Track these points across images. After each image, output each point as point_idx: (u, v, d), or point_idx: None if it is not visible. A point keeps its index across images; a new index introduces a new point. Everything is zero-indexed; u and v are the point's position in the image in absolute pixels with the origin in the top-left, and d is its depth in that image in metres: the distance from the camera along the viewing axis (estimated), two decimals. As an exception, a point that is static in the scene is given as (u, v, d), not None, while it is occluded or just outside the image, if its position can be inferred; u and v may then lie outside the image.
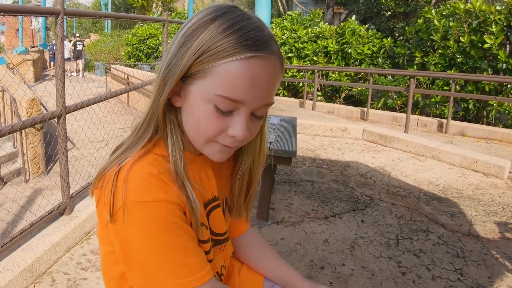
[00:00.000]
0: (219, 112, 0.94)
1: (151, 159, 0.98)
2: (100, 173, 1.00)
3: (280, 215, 4.24)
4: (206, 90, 0.94)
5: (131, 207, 0.90)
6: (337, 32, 12.38)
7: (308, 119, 8.44)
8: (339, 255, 3.55)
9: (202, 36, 0.92)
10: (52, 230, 3.43)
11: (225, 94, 0.92)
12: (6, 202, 4.69)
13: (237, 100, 0.93)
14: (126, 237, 0.93)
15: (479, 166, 5.97)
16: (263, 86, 0.94)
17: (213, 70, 0.92)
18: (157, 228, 0.91)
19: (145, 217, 0.91)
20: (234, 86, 0.91)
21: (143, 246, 0.92)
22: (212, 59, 0.91)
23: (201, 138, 0.99)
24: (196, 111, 0.97)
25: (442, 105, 9.88)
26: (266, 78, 0.94)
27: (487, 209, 4.64)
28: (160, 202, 0.92)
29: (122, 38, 25.28)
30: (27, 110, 6.31)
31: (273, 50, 0.95)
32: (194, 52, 0.93)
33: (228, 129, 0.97)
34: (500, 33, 8.88)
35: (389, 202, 4.70)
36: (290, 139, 4.02)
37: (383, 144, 7.37)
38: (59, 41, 3.45)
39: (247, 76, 0.91)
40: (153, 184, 0.93)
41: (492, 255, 3.64)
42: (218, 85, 0.92)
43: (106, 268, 1.10)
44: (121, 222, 0.92)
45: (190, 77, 0.95)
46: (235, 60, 0.90)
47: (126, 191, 0.91)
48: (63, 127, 3.58)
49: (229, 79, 0.91)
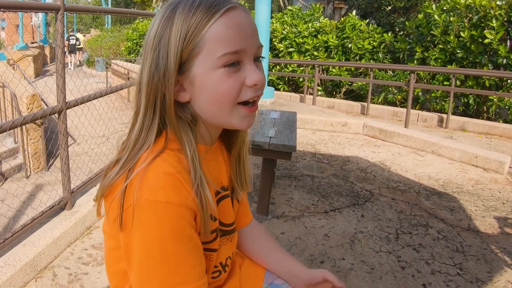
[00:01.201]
0: (231, 70, 0.99)
1: (166, 156, 0.98)
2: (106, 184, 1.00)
3: (280, 209, 4.25)
4: (208, 60, 0.98)
5: (144, 205, 0.91)
6: (337, 27, 12.37)
7: (309, 114, 8.44)
8: (339, 249, 3.56)
9: (175, 24, 0.97)
10: (53, 225, 3.45)
11: (226, 50, 0.97)
12: (7, 198, 4.71)
13: (239, 49, 0.99)
14: (132, 236, 0.94)
15: (479, 161, 5.97)
16: (249, 29, 1.02)
17: (203, 40, 0.97)
18: (162, 231, 0.92)
19: (154, 217, 0.92)
20: (229, 39, 0.98)
21: (146, 247, 0.93)
22: (197, 32, 0.97)
23: (226, 106, 1.01)
24: (210, 85, 1.00)
25: (442, 100, 9.88)
26: (247, 22, 1.02)
27: (486, 204, 4.65)
28: (172, 205, 0.93)
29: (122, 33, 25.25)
30: (28, 106, 6.33)
31: (235, 1, 1.02)
32: (177, 39, 0.97)
33: (245, 81, 1.01)
34: (500, 28, 8.87)
35: (389, 196, 4.71)
36: (290, 134, 4.02)
37: (383, 139, 7.37)
38: (60, 37, 3.45)
39: (234, 26, 0.99)
40: (169, 184, 0.94)
41: (491, 250, 3.66)
42: (216, 48, 0.97)
43: (110, 263, 1.11)
44: (131, 220, 0.93)
45: (186, 63, 0.99)
46: (216, 20, 0.97)
47: (141, 190, 0.92)
48: (64, 122, 3.59)
49: (221, 37, 0.97)
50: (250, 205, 4.24)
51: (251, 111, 1.06)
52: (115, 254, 1.06)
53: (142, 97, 1.02)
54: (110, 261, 1.11)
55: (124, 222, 0.94)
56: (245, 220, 1.45)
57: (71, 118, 4.69)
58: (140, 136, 1.02)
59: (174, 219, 0.93)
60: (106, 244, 1.11)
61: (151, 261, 0.94)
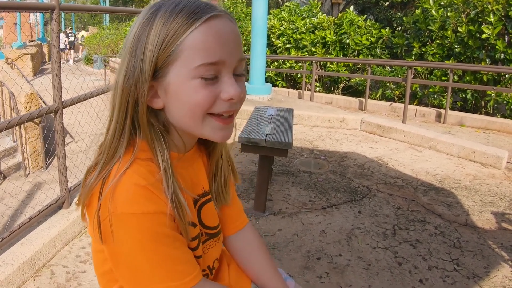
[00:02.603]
0: (207, 81, 0.95)
1: (136, 167, 0.97)
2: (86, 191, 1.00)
3: (277, 206, 4.26)
4: (184, 68, 0.95)
5: (121, 218, 0.91)
6: (335, 23, 12.36)
7: (306, 110, 8.44)
8: (336, 245, 3.57)
9: (154, 28, 0.94)
10: (51, 224, 3.45)
11: (204, 61, 0.94)
12: (5, 197, 4.71)
13: (217, 61, 0.95)
14: (115, 245, 0.94)
15: (476, 156, 5.98)
16: (231, 40, 0.97)
17: (181, 47, 0.94)
18: (146, 239, 0.93)
19: (135, 228, 0.92)
20: (207, 50, 0.94)
21: (133, 254, 0.94)
22: (175, 38, 0.93)
23: (197, 116, 0.99)
24: (183, 94, 0.97)
25: (440, 95, 9.88)
26: (229, 32, 0.97)
27: (484, 199, 4.66)
28: (149, 214, 0.92)
29: (120, 31, 25.21)
30: (26, 105, 6.33)
31: (220, 9, 0.99)
32: (155, 44, 0.94)
33: (220, 95, 0.98)
34: (498, 23, 8.87)
35: (386, 192, 4.72)
36: (287, 131, 4.03)
37: (381, 134, 7.38)
38: (55, 36, 3.45)
39: (214, 36, 0.94)
40: (141, 195, 0.93)
41: (488, 245, 3.66)
42: (193, 57, 0.94)
43: (98, 265, 1.12)
44: (110, 233, 0.93)
45: (161, 69, 0.96)
46: (196, 28, 0.93)
47: (114, 203, 0.91)
48: (60, 121, 3.59)
49: (200, 46, 0.94)
50: (247, 201, 4.27)
51: (225, 123, 1.02)
52: (102, 256, 1.06)
53: (116, 99, 1.00)
54: (98, 262, 1.11)
55: (104, 235, 0.94)
56: (236, 223, 1.41)
57: (68, 116, 4.69)
58: (113, 140, 1.00)
59: (155, 227, 0.94)
60: (92, 246, 1.12)
61: (142, 266, 0.94)
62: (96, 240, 1.00)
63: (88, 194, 0.98)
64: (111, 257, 0.98)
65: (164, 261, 0.95)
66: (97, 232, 0.95)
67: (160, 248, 0.95)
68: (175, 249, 0.98)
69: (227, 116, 1.02)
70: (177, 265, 0.98)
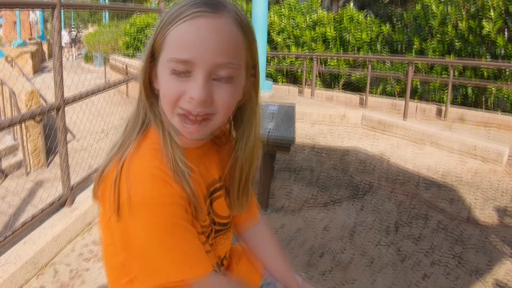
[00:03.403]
0: (176, 76, 0.96)
1: (149, 151, 0.99)
2: (101, 173, 1.02)
3: (279, 203, 4.26)
4: (163, 59, 0.98)
5: (136, 207, 0.92)
6: (335, 19, 12.33)
7: (307, 106, 8.44)
8: (339, 242, 3.57)
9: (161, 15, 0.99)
10: (53, 222, 3.45)
11: (174, 55, 0.95)
12: (7, 195, 4.70)
13: (186, 59, 0.94)
14: (130, 233, 0.95)
15: (478, 152, 5.98)
16: (211, 44, 0.94)
17: (167, 38, 0.97)
18: (160, 229, 0.94)
19: (149, 218, 0.93)
20: (181, 46, 0.95)
21: (147, 243, 0.95)
22: (167, 29, 0.97)
23: (168, 107, 1.00)
24: (162, 83, 1.00)
25: (440, 91, 9.86)
26: (214, 36, 0.94)
27: (486, 194, 4.66)
28: (164, 205, 0.94)
29: (120, 29, 25.16)
30: (26, 103, 6.32)
31: (226, 10, 0.97)
32: (156, 29, 0.99)
33: (185, 92, 0.97)
34: (498, 19, 8.85)
35: (388, 188, 4.72)
36: (289, 127, 4.03)
37: (382, 130, 7.37)
38: (56, 34, 3.44)
39: (192, 35, 0.94)
40: (156, 186, 0.94)
41: (490, 240, 3.67)
42: (170, 49, 0.97)
43: (108, 258, 1.12)
44: (126, 219, 0.94)
45: (155, 54, 1.01)
46: (182, 23, 0.95)
47: (130, 191, 0.93)
48: (62, 119, 3.59)
49: (177, 41, 0.96)
50: (249, 199, 4.27)
51: (191, 122, 0.99)
52: (112, 250, 1.07)
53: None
54: (108, 256, 1.12)
55: (120, 223, 0.95)
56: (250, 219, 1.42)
57: (70, 114, 4.69)
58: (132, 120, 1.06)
59: (169, 217, 0.95)
60: (103, 240, 1.11)
61: (155, 256, 0.96)
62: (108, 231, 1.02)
63: (106, 169, 1.01)
64: (124, 249, 0.99)
65: (175, 252, 0.97)
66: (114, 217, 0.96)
67: (172, 239, 0.96)
68: (187, 241, 0.99)
69: (194, 117, 0.99)
70: (188, 257, 0.99)
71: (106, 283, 2.90)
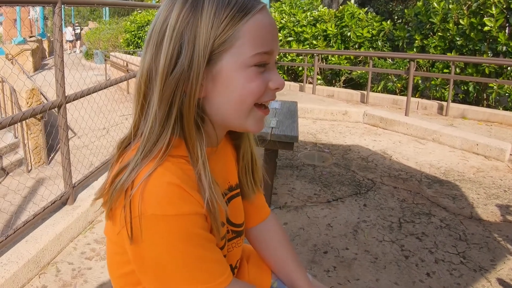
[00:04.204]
0: (260, 70, 0.95)
1: (168, 165, 0.91)
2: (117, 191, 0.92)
3: (282, 199, 4.25)
4: (239, 56, 0.93)
5: (152, 220, 0.86)
6: (336, 16, 12.30)
7: (309, 103, 8.43)
8: (342, 239, 3.56)
9: (206, 12, 0.90)
10: (55, 220, 3.44)
11: (260, 50, 0.93)
12: (8, 193, 4.70)
13: (270, 51, 0.96)
14: (144, 247, 0.89)
15: (480, 149, 5.97)
16: (276, 32, 0.99)
17: (237, 34, 0.92)
18: (178, 241, 0.88)
19: (167, 231, 0.87)
20: (262, 39, 0.94)
21: (163, 256, 0.89)
22: (232, 25, 0.91)
23: (246, 106, 0.97)
24: (236, 82, 0.94)
25: (442, 87, 9.83)
26: (274, 24, 0.99)
27: (488, 192, 4.64)
28: (183, 216, 0.88)
29: (120, 26, 25.15)
30: (27, 101, 6.31)
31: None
32: (210, 29, 0.90)
33: (269, 83, 0.98)
34: (500, 15, 8.82)
35: (391, 185, 4.71)
36: (292, 124, 4.01)
37: (384, 127, 7.36)
38: (57, 30, 3.43)
39: (267, 27, 0.95)
40: (175, 195, 0.88)
41: (494, 238, 3.65)
42: (249, 45, 0.93)
43: (114, 268, 1.07)
44: (139, 234, 0.88)
45: (213, 56, 0.93)
46: (253, 15, 0.93)
47: (144, 204, 0.86)
48: (64, 116, 3.58)
49: (256, 35, 0.93)
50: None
51: (266, 113, 1.02)
52: (119, 259, 1.02)
53: (155, 90, 0.93)
54: (114, 266, 1.07)
55: (134, 236, 0.89)
56: (260, 214, 1.39)
57: (71, 111, 4.68)
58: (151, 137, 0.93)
59: (189, 228, 0.89)
60: (108, 248, 1.07)
61: (172, 268, 0.90)
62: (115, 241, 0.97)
63: (119, 194, 0.91)
64: (137, 259, 0.93)
65: (194, 262, 0.91)
66: (121, 233, 0.91)
67: (192, 250, 0.90)
68: (207, 250, 0.94)
69: (267, 106, 1.02)
70: (208, 266, 0.94)
71: (108, 282, 2.90)
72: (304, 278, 1.35)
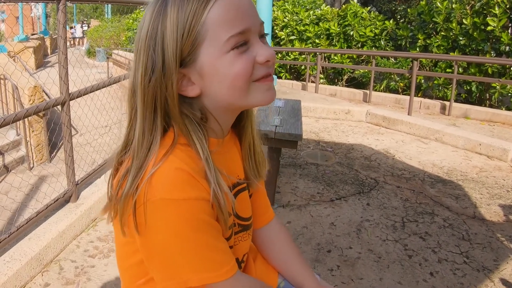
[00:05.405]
0: (240, 50, 0.95)
1: (177, 152, 0.94)
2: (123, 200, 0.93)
3: (285, 198, 4.25)
4: (214, 46, 0.94)
5: (158, 205, 0.88)
6: (339, 15, 12.29)
7: (311, 101, 8.42)
8: (346, 238, 3.56)
9: (169, 16, 0.92)
10: (58, 218, 3.43)
11: (232, 32, 0.93)
12: (11, 191, 4.69)
13: (243, 29, 0.95)
14: (150, 234, 0.91)
15: (482, 149, 5.96)
16: (249, 8, 0.98)
17: (204, 27, 0.93)
18: (185, 226, 0.90)
19: (175, 215, 0.88)
20: (231, 21, 0.93)
21: (169, 241, 0.91)
22: (196, 21, 0.92)
23: (242, 87, 0.97)
24: (221, 70, 0.95)
25: (444, 87, 9.83)
26: (244, 1, 0.97)
27: (491, 191, 4.64)
28: (190, 200, 0.90)
29: (122, 23, 25.13)
30: (30, 98, 6.31)
31: None
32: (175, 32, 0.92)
33: (256, 59, 0.97)
34: (503, 15, 8.80)
35: (394, 184, 4.70)
36: (295, 123, 4.01)
37: (387, 126, 7.36)
38: (61, 27, 3.42)
39: (233, 7, 0.94)
40: (183, 180, 0.90)
41: (497, 237, 3.65)
42: (220, 32, 0.93)
43: (123, 259, 1.08)
44: (143, 221, 0.89)
45: (189, 55, 0.95)
46: (213, 4, 0.92)
47: (152, 189, 0.88)
48: (67, 114, 3.57)
49: (223, 20, 0.93)
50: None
51: (269, 81, 1.01)
52: (128, 249, 1.03)
53: (138, 100, 0.97)
54: (123, 256, 1.08)
55: (139, 225, 0.90)
56: (264, 217, 1.40)
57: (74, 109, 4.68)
58: (143, 141, 0.96)
59: (197, 213, 0.91)
60: (117, 240, 1.07)
61: (178, 255, 0.92)
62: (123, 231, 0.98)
63: (126, 202, 0.92)
64: (144, 247, 0.95)
65: (201, 249, 0.93)
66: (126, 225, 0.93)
67: (198, 236, 0.92)
68: (213, 238, 0.95)
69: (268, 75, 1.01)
70: (214, 254, 0.95)
71: (111, 280, 2.89)
72: (313, 278, 1.35)
